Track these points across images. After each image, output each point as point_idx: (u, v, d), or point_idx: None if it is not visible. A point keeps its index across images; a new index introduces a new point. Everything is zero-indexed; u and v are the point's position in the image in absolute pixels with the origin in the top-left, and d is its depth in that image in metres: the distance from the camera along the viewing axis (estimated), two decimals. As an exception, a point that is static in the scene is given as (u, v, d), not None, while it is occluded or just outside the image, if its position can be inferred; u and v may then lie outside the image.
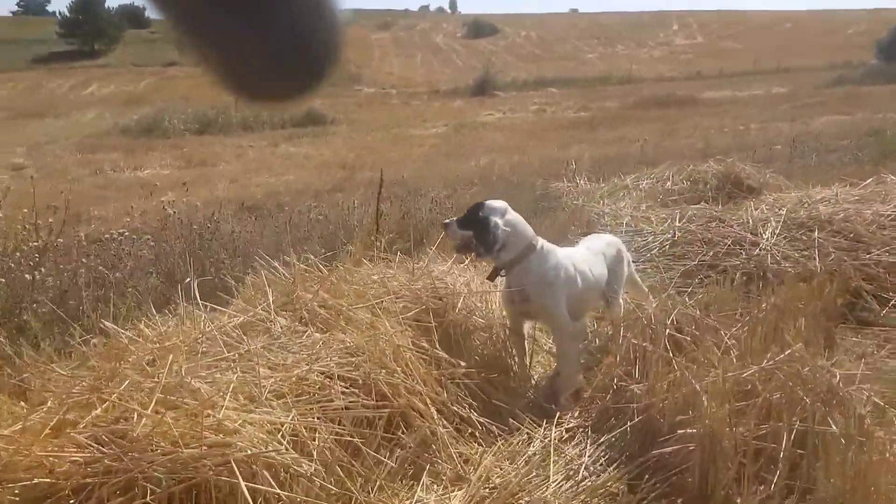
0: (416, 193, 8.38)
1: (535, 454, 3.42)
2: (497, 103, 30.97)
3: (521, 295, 4.00)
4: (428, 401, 3.38)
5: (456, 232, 4.04)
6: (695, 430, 2.95)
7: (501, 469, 3.26)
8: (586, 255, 4.32)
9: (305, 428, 2.64)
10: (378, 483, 2.95)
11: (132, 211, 7.74)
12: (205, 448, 2.25)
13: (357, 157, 16.17)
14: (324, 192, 11.52)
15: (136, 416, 2.31)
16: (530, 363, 4.25)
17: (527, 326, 4.28)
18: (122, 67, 54.13)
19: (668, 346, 3.76)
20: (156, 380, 2.52)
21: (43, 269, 5.00)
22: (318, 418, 2.76)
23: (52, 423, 2.28)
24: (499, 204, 4.04)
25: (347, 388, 3.01)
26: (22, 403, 2.95)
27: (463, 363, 3.60)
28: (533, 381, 4.25)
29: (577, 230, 6.52)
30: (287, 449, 2.51)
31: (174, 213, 6.48)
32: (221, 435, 2.33)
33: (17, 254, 5.12)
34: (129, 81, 46.63)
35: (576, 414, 3.79)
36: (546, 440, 3.50)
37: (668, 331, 3.83)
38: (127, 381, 2.52)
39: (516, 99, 32.38)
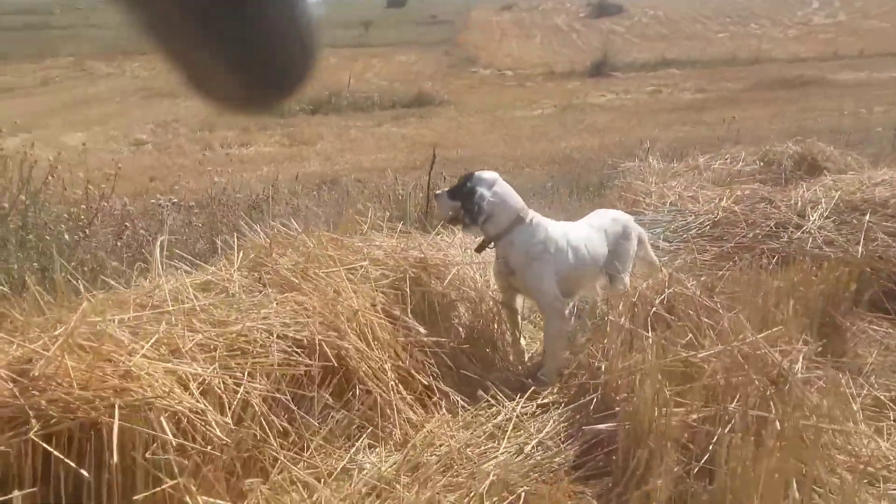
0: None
1: (496, 426, 3.38)
2: (612, 84, 30.19)
3: (508, 268, 3.95)
4: (387, 367, 3.40)
5: (446, 202, 4.02)
6: (628, 409, 2.85)
7: (454, 438, 3.25)
8: (585, 231, 4.20)
9: (224, 383, 2.72)
10: (314, 443, 3.01)
11: (182, 181, 8.11)
12: (99, 391, 2.36)
13: (453, 138, 16.24)
14: (406, 169, 11.64)
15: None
16: (520, 336, 4.20)
17: (520, 300, 4.21)
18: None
19: (655, 325, 3.62)
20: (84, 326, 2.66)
21: (87, 231, 5.35)
22: (247, 373, 2.84)
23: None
24: (488, 175, 3.98)
25: (290, 348, 3.07)
26: None
27: (423, 330, 3.59)
28: (526, 356, 4.19)
29: (622, 209, 6.34)
30: (199, 400, 2.60)
31: (223, 181, 6.77)
32: (122, 381, 2.44)
33: (65, 215, 5.50)
34: (258, 65, 48.56)
35: (555, 390, 3.72)
36: (513, 413, 3.47)
37: (653, 309, 3.68)
38: (62, 328, 2.68)
39: (633, 80, 31.43)
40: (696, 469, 2.60)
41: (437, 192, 4.17)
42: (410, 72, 36.30)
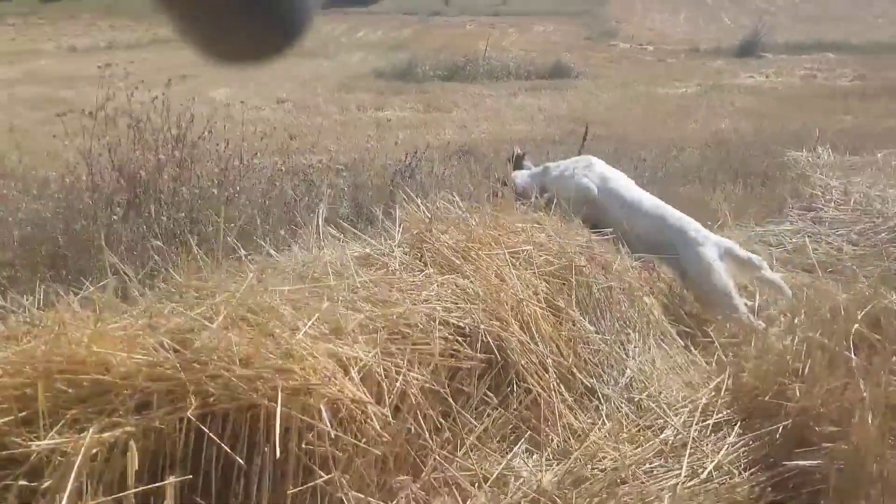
0: (629, 152, 7.89)
1: (663, 441, 3.05)
2: (761, 66, 28.39)
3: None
4: (549, 363, 3.12)
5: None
6: (843, 447, 2.44)
7: (618, 451, 2.94)
8: None
9: (385, 370, 2.50)
10: (468, 442, 2.77)
11: (322, 141, 8.06)
12: (261, 371, 2.19)
13: (592, 113, 15.65)
14: (546, 143, 11.25)
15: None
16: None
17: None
18: (391, 15, 56.74)
19: (856, 344, 3.16)
20: (246, 298, 2.50)
21: (237, 188, 5.30)
22: (407, 360, 2.61)
23: (134, 326, 2.33)
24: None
25: (451, 335, 2.83)
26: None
27: (590, 326, 3.28)
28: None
29: (796, 202, 5.81)
30: (359, 388, 2.39)
31: (374, 146, 6.65)
32: (284, 361, 2.25)
33: (217, 171, 5.48)
34: (394, 28, 48.64)
35: (724, 405, 3.33)
36: (685, 429, 3.11)
37: (856, 326, 3.21)
38: (224, 295, 2.53)
39: (785, 63, 29.44)
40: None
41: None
42: (548, 42, 35.44)
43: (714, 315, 3.81)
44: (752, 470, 2.78)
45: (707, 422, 3.18)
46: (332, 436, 2.23)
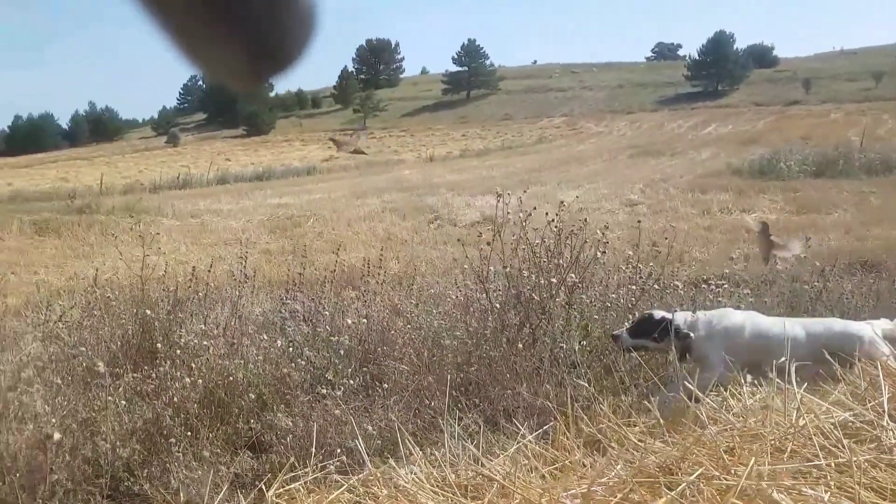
0: None
1: None
2: None
3: None
4: None
5: None
6: None
7: None
8: None
9: None
10: None
11: (732, 259, 7.50)
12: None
13: None
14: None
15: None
16: None
17: None
18: (743, 107, 54.81)
19: None
20: (730, 477, 2.13)
21: (634, 314, 5.02)
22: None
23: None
24: None
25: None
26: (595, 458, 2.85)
27: None
28: None
29: None
30: None
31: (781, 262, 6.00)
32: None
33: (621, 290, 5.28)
34: (747, 121, 46.83)
35: None
36: None
37: None
38: (699, 472, 2.20)
39: None
40: None
41: None
42: (935, 128, 31.41)
43: None
44: None
45: None
46: None
